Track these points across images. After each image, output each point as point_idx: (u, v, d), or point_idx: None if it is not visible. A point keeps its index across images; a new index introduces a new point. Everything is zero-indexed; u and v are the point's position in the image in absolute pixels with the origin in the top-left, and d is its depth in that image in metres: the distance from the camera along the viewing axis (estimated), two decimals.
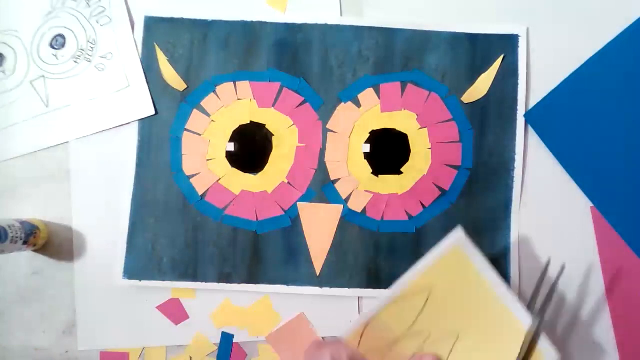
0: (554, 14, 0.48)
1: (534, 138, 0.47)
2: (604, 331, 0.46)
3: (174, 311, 0.48)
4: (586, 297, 0.47)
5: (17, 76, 0.49)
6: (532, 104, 0.47)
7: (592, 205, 0.47)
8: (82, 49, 0.48)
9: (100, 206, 0.48)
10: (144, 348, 0.48)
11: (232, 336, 0.48)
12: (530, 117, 0.47)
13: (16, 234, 0.43)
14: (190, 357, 0.48)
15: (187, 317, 0.48)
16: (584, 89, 0.46)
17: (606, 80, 0.45)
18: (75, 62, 0.48)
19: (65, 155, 0.49)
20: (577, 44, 0.47)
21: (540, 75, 0.48)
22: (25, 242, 0.44)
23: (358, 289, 0.47)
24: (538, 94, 0.47)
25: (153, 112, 0.48)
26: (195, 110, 0.48)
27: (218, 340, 0.48)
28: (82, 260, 0.48)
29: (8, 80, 0.49)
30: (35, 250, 0.48)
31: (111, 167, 0.48)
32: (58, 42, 0.48)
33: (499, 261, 0.47)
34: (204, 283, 0.47)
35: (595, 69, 0.46)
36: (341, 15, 0.48)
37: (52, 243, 0.48)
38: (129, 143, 0.48)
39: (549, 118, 0.47)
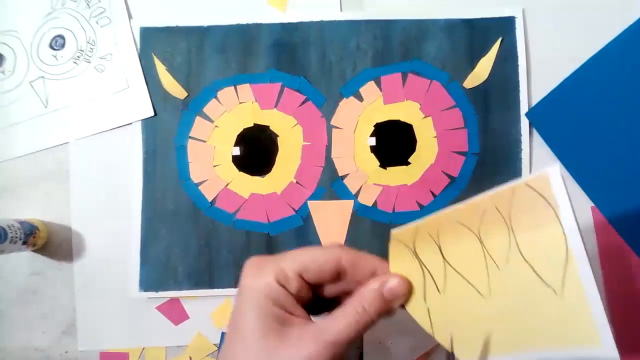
0: None
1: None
2: None
3: (174, 311, 0.48)
4: None
5: (16, 77, 0.48)
6: (533, 84, 0.47)
7: (592, 205, 0.47)
8: (81, 50, 0.48)
9: (100, 206, 0.48)
10: (143, 348, 0.48)
11: None
12: (531, 116, 0.47)
13: (16, 234, 0.43)
14: (190, 357, 0.48)
15: (187, 318, 0.48)
16: (586, 88, 0.46)
17: (608, 79, 0.45)
18: (75, 62, 0.48)
19: (65, 156, 0.49)
20: (575, 24, 0.47)
21: (540, 55, 0.48)
22: (24, 242, 0.44)
23: None
24: (539, 75, 0.47)
25: (152, 114, 0.48)
26: (198, 117, 0.48)
27: (218, 340, 0.48)
28: (82, 260, 0.48)
29: (7, 80, 0.48)
30: (34, 251, 0.48)
31: (111, 167, 0.48)
32: (58, 42, 0.48)
33: None
34: (220, 289, 0.47)
35: (597, 68, 0.45)
36: (341, 10, 0.48)
37: (51, 243, 0.48)
38: (128, 143, 0.48)
39: (550, 117, 0.46)
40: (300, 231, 0.47)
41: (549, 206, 0.23)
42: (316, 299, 0.31)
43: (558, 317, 0.24)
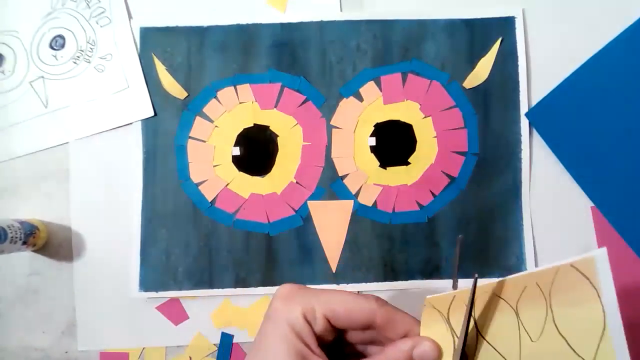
0: None
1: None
2: None
3: (174, 311, 0.48)
4: None
5: (16, 77, 0.48)
6: (533, 85, 0.47)
7: (592, 205, 0.47)
8: (81, 50, 0.48)
9: (100, 206, 0.48)
10: (143, 348, 0.48)
11: (231, 337, 0.48)
12: (531, 115, 0.47)
13: (15, 234, 0.43)
14: (190, 358, 0.48)
15: (187, 318, 0.48)
16: (586, 88, 0.45)
17: (608, 79, 0.45)
18: (75, 62, 0.48)
19: (65, 156, 0.49)
20: (575, 24, 0.47)
21: (540, 55, 0.48)
22: (24, 243, 0.44)
23: (374, 283, 0.47)
24: (539, 75, 0.47)
25: (152, 114, 0.48)
26: (198, 117, 0.48)
27: (218, 341, 0.48)
28: (82, 260, 0.48)
29: (7, 80, 0.48)
30: (34, 251, 0.48)
31: (111, 167, 0.48)
32: (57, 42, 0.48)
33: (513, 243, 0.47)
34: (220, 290, 0.47)
35: (597, 68, 0.45)
36: (341, 10, 0.48)
37: (51, 243, 0.48)
38: (128, 143, 0.48)
39: (550, 117, 0.46)
40: (300, 231, 0.47)
41: (591, 286, 0.24)
42: (338, 339, 0.31)
43: None
